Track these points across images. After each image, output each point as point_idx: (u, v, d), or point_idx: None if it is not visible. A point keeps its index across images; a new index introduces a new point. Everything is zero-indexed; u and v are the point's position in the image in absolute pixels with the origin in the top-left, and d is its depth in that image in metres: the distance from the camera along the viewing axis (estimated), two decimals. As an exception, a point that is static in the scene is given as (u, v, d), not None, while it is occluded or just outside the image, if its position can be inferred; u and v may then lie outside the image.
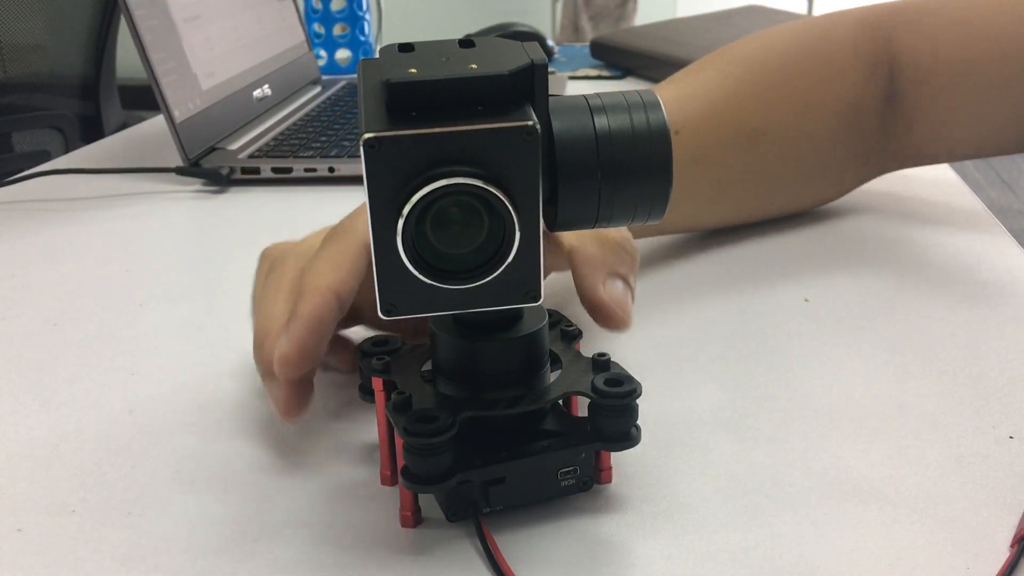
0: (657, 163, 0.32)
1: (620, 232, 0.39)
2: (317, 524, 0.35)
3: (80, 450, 0.40)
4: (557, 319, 0.39)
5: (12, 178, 0.79)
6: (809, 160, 0.60)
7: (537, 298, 0.31)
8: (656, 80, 1.13)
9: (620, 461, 0.38)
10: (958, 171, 0.76)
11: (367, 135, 0.28)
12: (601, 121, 0.32)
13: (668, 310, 0.52)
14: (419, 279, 0.30)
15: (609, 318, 0.39)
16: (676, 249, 0.60)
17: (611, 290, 0.37)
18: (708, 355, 0.47)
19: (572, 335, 0.38)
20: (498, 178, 0.29)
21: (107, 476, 0.38)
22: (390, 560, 0.33)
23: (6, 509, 0.36)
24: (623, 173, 0.32)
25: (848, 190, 0.64)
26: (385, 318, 0.31)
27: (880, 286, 0.54)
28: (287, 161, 0.79)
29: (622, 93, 0.33)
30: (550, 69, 1.25)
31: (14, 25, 1.35)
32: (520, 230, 0.30)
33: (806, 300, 0.52)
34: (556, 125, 0.32)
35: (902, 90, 0.60)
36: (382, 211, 0.29)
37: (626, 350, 0.47)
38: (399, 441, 0.33)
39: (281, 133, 0.88)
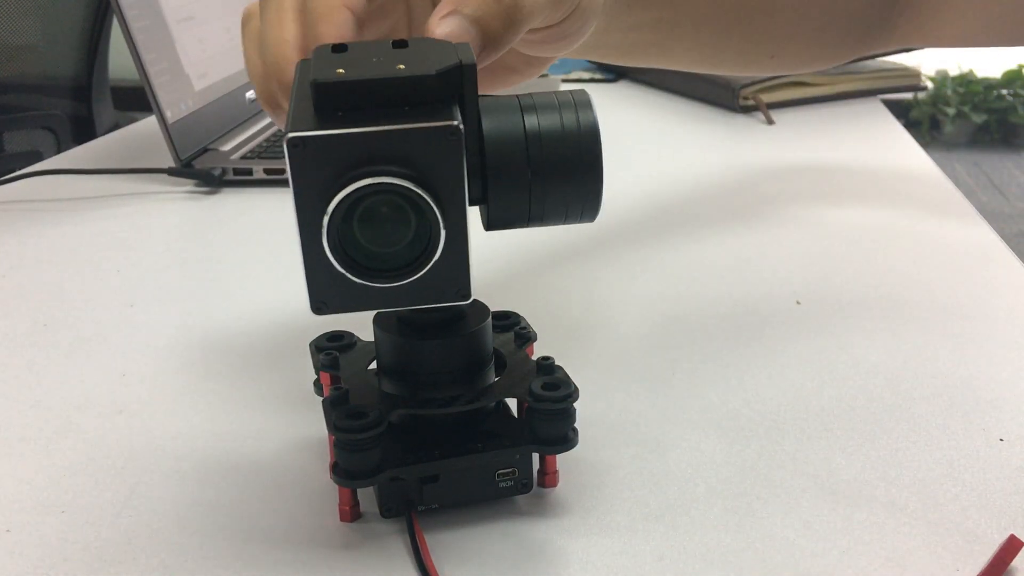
0: (587, 162, 0.32)
1: None
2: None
3: (70, 450, 0.40)
4: (515, 321, 0.39)
5: (3, 178, 0.79)
6: (812, 16, 0.57)
7: (467, 296, 0.31)
8: (650, 84, 1.14)
9: (610, 461, 0.38)
10: (949, 175, 0.76)
11: (291, 135, 0.28)
12: (531, 120, 0.32)
13: (660, 310, 0.52)
14: (347, 277, 0.30)
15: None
16: (670, 249, 0.60)
17: (445, 27, 0.33)
18: (700, 356, 0.47)
19: (526, 338, 0.38)
20: (423, 177, 0.29)
21: (96, 476, 0.38)
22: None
23: (-5, 509, 0.36)
24: (553, 172, 0.32)
25: (847, 58, 0.62)
26: (317, 316, 0.31)
27: (871, 289, 0.54)
28: (279, 162, 0.79)
29: (555, 92, 0.33)
30: (544, 72, 1.25)
31: (6, 25, 1.35)
32: (445, 228, 0.29)
33: (798, 303, 0.53)
34: (486, 124, 0.32)
35: None
36: (308, 211, 0.29)
37: (618, 351, 0.47)
38: None
39: (274, 134, 0.88)
